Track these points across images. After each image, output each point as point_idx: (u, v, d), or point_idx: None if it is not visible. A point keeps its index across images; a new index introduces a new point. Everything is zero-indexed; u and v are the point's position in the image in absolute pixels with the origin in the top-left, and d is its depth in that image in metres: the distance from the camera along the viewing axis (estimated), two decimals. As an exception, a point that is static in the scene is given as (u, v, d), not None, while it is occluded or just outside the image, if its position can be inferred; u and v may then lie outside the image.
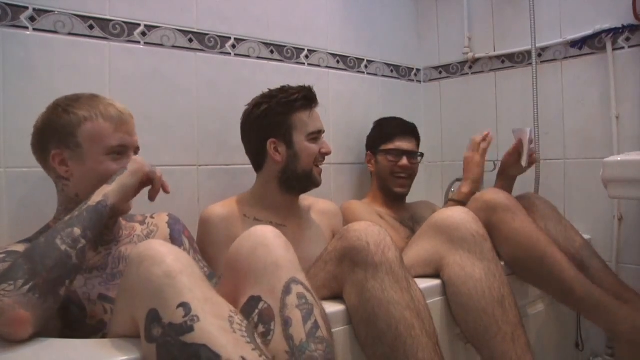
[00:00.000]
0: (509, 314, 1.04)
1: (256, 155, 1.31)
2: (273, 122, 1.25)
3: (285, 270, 0.79)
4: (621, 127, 1.55)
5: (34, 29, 1.15)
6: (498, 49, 1.86)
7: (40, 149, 0.95)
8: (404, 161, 1.62)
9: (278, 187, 1.28)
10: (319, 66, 1.72)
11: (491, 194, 1.30)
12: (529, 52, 1.70)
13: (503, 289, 1.06)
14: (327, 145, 1.30)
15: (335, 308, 0.97)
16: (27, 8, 1.14)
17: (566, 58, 1.67)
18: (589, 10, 1.60)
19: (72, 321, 0.88)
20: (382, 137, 1.68)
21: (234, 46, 1.50)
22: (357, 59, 1.85)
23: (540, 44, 1.68)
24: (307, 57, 1.68)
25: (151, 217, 1.10)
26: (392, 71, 1.99)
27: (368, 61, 1.89)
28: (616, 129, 1.55)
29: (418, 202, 1.78)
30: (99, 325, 0.89)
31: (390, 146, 1.64)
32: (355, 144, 1.78)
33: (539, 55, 1.71)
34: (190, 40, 1.41)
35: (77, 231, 0.79)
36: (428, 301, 1.02)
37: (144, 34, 1.32)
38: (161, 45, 1.36)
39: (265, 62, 1.57)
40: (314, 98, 1.30)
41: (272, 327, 0.74)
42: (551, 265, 1.19)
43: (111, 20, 1.26)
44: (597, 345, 1.53)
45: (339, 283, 1.01)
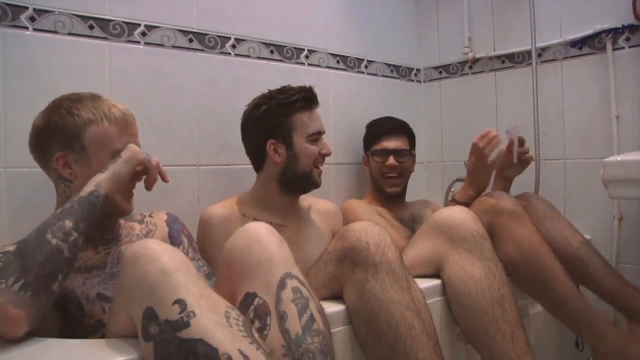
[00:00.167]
0: (508, 314, 1.03)
1: (256, 156, 1.31)
2: (272, 123, 1.25)
3: (279, 266, 0.79)
4: (621, 127, 1.55)
5: (34, 29, 1.15)
6: (498, 49, 1.86)
7: (41, 149, 0.94)
8: (390, 160, 1.62)
9: (277, 188, 1.28)
10: (319, 66, 1.72)
11: (498, 198, 1.29)
12: (529, 52, 1.70)
13: (503, 288, 1.06)
14: (327, 147, 1.30)
15: (335, 308, 0.97)
16: (27, 8, 1.14)
17: (566, 58, 1.67)
18: (589, 10, 1.60)
19: (71, 320, 0.88)
20: (371, 139, 1.69)
21: (234, 46, 1.50)
22: (357, 59, 1.85)
23: (540, 44, 1.68)
24: (307, 57, 1.68)
25: (150, 216, 1.10)
26: (392, 71, 1.99)
27: (368, 61, 1.89)
28: (616, 129, 1.55)
29: (417, 200, 1.78)
30: (97, 325, 0.89)
31: (377, 147, 1.65)
32: (355, 144, 1.78)
33: (539, 55, 1.71)
34: (190, 40, 1.41)
35: (69, 224, 0.78)
36: (428, 301, 1.02)
37: (144, 34, 1.32)
38: (161, 45, 1.36)
39: (265, 62, 1.57)
40: (315, 99, 1.29)
41: (268, 322, 0.74)
42: (549, 277, 1.19)
43: (111, 20, 1.27)
44: (597, 345, 1.53)
45: (339, 283, 1.01)
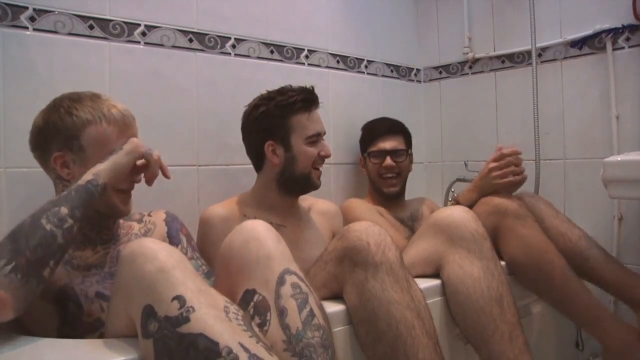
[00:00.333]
0: (506, 313, 1.03)
1: (255, 157, 1.31)
2: (271, 124, 1.24)
3: (277, 262, 0.79)
4: (621, 127, 1.55)
5: (34, 29, 1.15)
6: (498, 49, 1.86)
7: (40, 148, 0.95)
8: (387, 161, 1.62)
9: (277, 189, 1.28)
10: (319, 66, 1.72)
11: (502, 198, 1.29)
12: (529, 52, 1.70)
13: (501, 288, 1.06)
14: (327, 148, 1.28)
15: (335, 308, 0.97)
16: (27, 8, 1.14)
17: (566, 58, 1.67)
18: (589, 10, 1.60)
19: (70, 318, 0.88)
20: (367, 140, 1.70)
21: (234, 46, 1.50)
22: (357, 59, 1.85)
23: (540, 44, 1.68)
24: (307, 57, 1.68)
25: (149, 215, 1.09)
26: (392, 71, 1.99)
27: (368, 61, 1.89)
28: (616, 129, 1.55)
29: (414, 199, 1.78)
30: (95, 324, 0.89)
31: (373, 148, 1.65)
32: (355, 144, 1.77)
33: (539, 55, 1.70)
34: (190, 40, 1.41)
35: (64, 210, 0.78)
36: (428, 301, 1.02)
37: (144, 34, 1.32)
38: (161, 45, 1.35)
39: (265, 62, 1.57)
40: (314, 100, 1.27)
41: (268, 317, 0.74)
42: (557, 276, 1.19)
43: (111, 20, 1.26)
44: (597, 345, 1.52)
45: (339, 283, 1.01)
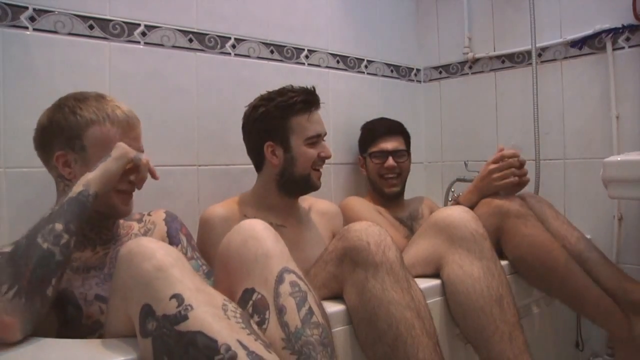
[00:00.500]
0: (506, 313, 1.03)
1: (255, 157, 1.31)
2: (270, 125, 1.24)
3: (276, 261, 0.79)
4: (621, 127, 1.55)
5: (34, 29, 1.15)
6: (498, 49, 1.86)
7: (43, 147, 0.95)
8: (389, 162, 1.62)
9: (277, 189, 1.28)
10: (319, 66, 1.72)
11: (503, 199, 1.29)
12: (529, 52, 1.70)
13: (501, 288, 1.06)
14: (327, 149, 1.27)
15: (335, 308, 0.97)
16: (27, 8, 1.14)
17: (566, 58, 1.67)
18: (589, 10, 1.60)
19: (68, 321, 0.87)
20: (367, 141, 1.69)
21: (234, 46, 1.50)
22: (357, 59, 1.85)
23: (540, 44, 1.68)
24: (307, 57, 1.68)
25: (148, 214, 1.09)
26: (392, 71, 1.99)
27: (368, 61, 1.89)
28: (616, 129, 1.55)
29: (413, 198, 1.78)
30: (94, 326, 0.88)
31: (375, 148, 1.65)
32: (355, 144, 1.77)
33: (539, 55, 1.71)
34: (190, 40, 1.41)
35: (59, 226, 0.77)
36: (428, 301, 1.02)
37: (144, 34, 1.32)
38: (161, 45, 1.35)
39: (265, 62, 1.57)
40: (314, 101, 1.26)
41: (267, 315, 0.74)
42: (565, 273, 1.19)
43: (111, 20, 1.26)
44: (597, 345, 1.53)
45: (339, 283, 1.01)
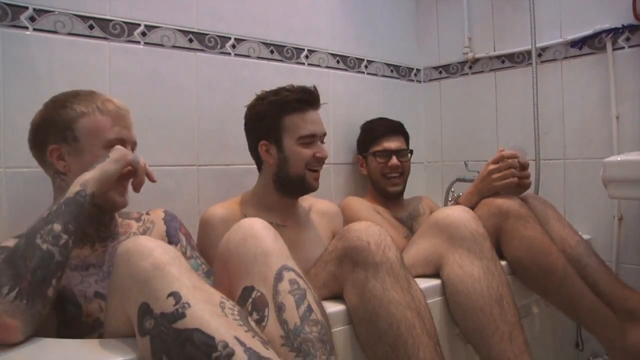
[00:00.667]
0: (506, 313, 1.03)
1: (254, 157, 1.31)
2: (264, 124, 1.24)
3: (275, 259, 0.79)
4: (621, 127, 1.55)
5: (34, 29, 1.15)
6: (498, 49, 1.86)
7: (37, 144, 0.95)
8: (393, 161, 1.62)
9: (275, 189, 1.27)
10: (319, 66, 1.72)
11: (504, 200, 1.29)
12: (529, 52, 1.70)
13: (501, 288, 1.06)
14: (323, 150, 1.25)
15: (336, 308, 0.97)
16: (27, 8, 1.14)
17: (566, 58, 1.67)
18: (589, 10, 1.60)
19: (68, 319, 0.87)
20: (369, 140, 1.69)
21: (234, 46, 1.50)
22: (357, 59, 1.85)
23: (540, 44, 1.68)
24: (307, 57, 1.68)
25: (147, 213, 1.09)
26: (392, 71, 1.99)
27: (368, 61, 1.89)
28: (616, 129, 1.55)
29: (412, 197, 1.78)
30: (94, 324, 0.89)
31: (378, 147, 1.65)
32: (355, 144, 1.77)
33: (539, 55, 1.71)
34: (190, 40, 1.41)
35: (58, 227, 0.77)
36: (428, 301, 1.02)
37: (144, 34, 1.32)
38: (161, 45, 1.35)
39: (265, 62, 1.57)
40: (311, 100, 1.24)
41: (266, 313, 0.74)
42: (561, 277, 1.19)
43: (111, 20, 1.26)
44: (597, 345, 1.52)
45: (339, 283, 1.01)
